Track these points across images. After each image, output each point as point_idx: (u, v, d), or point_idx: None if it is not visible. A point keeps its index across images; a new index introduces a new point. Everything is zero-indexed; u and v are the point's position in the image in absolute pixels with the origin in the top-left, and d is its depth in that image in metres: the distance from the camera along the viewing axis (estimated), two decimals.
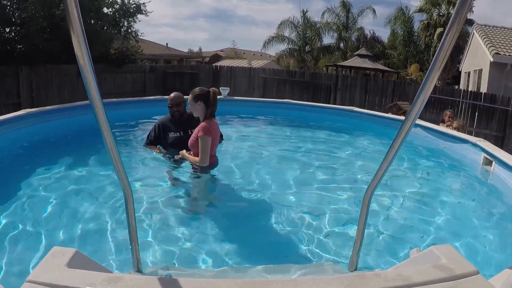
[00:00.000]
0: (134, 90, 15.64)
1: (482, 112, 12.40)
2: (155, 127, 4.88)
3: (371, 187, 1.96)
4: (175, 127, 4.74)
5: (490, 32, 17.35)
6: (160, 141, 4.81)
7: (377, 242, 3.31)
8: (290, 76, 17.45)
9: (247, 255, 3.04)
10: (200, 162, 3.82)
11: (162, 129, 4.80)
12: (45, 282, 1.43)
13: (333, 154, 6.14)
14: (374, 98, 15.48)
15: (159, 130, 4.82)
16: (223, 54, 45.03)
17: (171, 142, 4.70)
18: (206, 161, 3.80)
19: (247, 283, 1.50)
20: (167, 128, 4.78)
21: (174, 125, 4.76)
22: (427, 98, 1.58)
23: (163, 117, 4.94)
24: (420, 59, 27.61)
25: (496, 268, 2.78)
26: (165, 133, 4.77)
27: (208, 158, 3.81)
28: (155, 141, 4.85)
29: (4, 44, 11.98)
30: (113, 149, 1.61)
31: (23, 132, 5.82)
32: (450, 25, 1.37)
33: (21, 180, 4.23)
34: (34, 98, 12.00)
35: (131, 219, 1.88)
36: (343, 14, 30.62)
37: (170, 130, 4.76)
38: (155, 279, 1.48)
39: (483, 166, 5.22)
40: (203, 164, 3.82)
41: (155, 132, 4.85)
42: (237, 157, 5.26)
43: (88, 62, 1.38)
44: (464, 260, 1.70)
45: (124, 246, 2.98)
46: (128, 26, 15.04)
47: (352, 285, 1.49)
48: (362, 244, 2.13)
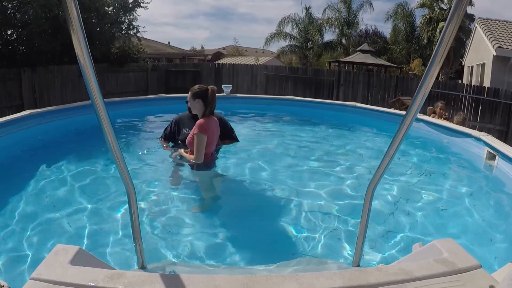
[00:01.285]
0: (136, 89, 15.63)
1: (485, 106, 12.35)
2: (172, 122, 4.87)
3: (373, 182, 1.96)
4: (192, 124, 4.68)
5: (493, 26, 17.27)
6: (175, 136, 4.80)
7: (379, 237, 3.31)
8: (292, 72, 17.42)
9: (249, 252, 3.04)
10: (194, 159, 3.83)
11: (178, 124, 4.78)
12: (48, 279, 1.45)
13: (336, 150, 6.13)
14: (377, 93, 15.44)
15: (175, 125, 4.81)
16: (225, 52, 45.06)
17: (183, 139, 4.66)
18: (200, 158, 3.81)
19: (249, 278, 1.50)
20: (182, 124, 4.76)
21: (191, 121, 4.68)
22: (427, 92, 1.58)
23: (182, 113, 4.91)
24: (422, 54, 27.51)
25: (499, 262, 2.78)
26: (180, 128, 4.75)
27: (202, 155, 3.81)
28: (170, 136, 4.83)
29: (6, 46, 11.99)
30: (115, 148, 1.62)
31: (26, 132, 5.84)
32: (449, 19, 1.37)
33: (24, 179, 4.25)
34: (37, 100, 12.02)
35: (134, 217, 1.89)
36: (344, 10, 30.52)
37: (185, 126, 4.71)
38: (157, 275, 1.49)
39: (487, 160, 5.19)
40: (197, 161, 3.84)
41: (171, 127, 4.84)
42: (240, 154, 5.26)
43: (88, 60, 1.38)
44: (467, 254, 1.71)
45: (128, 244, 3.00)
46: (129, 23, 15.03)
47: (354, 279, 1.49)
48: (365, 239, 2.13)
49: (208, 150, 3.93)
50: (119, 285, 1.44)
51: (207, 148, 3.86)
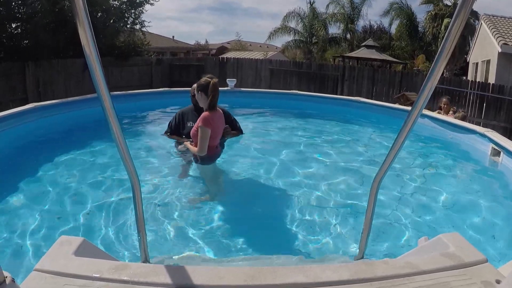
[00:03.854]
0: (140, 83, 15.64)
1: (490, 103, 12.26)
2: (176, 116, 4.86)
3: (379, 177, 1.95)
4: (195, 117, 4.68)
5: (498, 22, 17.13)
6: (180, 130, 4.80)
7: (385, 231, 3.30)
8: (297, 67, 17.35)
9: (254, 245, 3.04)
10: (197, 152, 3.84)
11: (182, 118, 4.78)
12: (52, 270, 1.44)
13: (341, 144, 6.12)
14: (381, 89, 15.37)
15: (179, 118, 4.79)
16: (229, 46, 44.91)
17: (187, 132, 4.66)
18: (203, 151, 3.82)
19: (255, 270, 1.50)
20: (186, 117, 4.75)
21: (195, 115, 4.66)
22: (433, 87, 1.56)
23: (186, 106, 4.90)
24: (427, 50, 27.34)
25: (505, 257, 2.77)
26: (184, 121, 4.74)
27: (205, 148, 3.81)
28: (176, 130, 4.83)
29: (10, 40, 12.00)
30: (120, 140, 1.61)
31: (31, 125, 5.86)
32: (456, 15, 1.35)
33: (28, 172, 4.27)
34: (41, 94, 12.04)
35: (139, 210, 1.89)
36: (348, 4, 30.31)
37: (189, 120, 4.71)
38: (161, 267, 1.49)
39: (491, 156, 5.18)
40: (200, 153, 3.84)
41: (175, 121, 4.82)
42: (244, 147, 5.25)
43: (94, 51, 1.37)
44: (473, 248, 1.70)
45: (132, 236, 3.00)
46: (134, 17, 15.02)
47: (360, 272, 1.48)
48: (370, 233, 2.13)
49: (213, 143, 3.93)
50: (123, 277, 1.43)
51: (212, 141, 3.85)
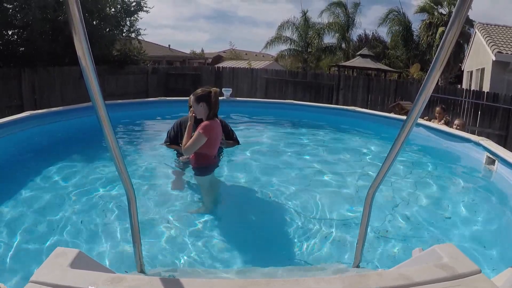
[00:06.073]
0: (136, 91, 15.61)
1: (484, 111, 12.34)
2: (174, 125, 4.86)
3: (374, 187, 1.97)
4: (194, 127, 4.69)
5: (492, 30, 17.31)
6: (178, 139, 4.79)
7: (379, 241, 3.31)
8: (292, 76, 17.41)
9: (250, 257, 3.04)
10: (183, 150, 3.84)
11: (180, 127, 4.78)
12: (48, 282, 1.44)
13: (336, 154, 6.12)
14: (376, 98, 15.44)
15: (178, 128, 4.80)
16: (225, 55, 45.00)
17: None
18: (188, 153, 3.84)
19: (249, 282, 1.50)
20: (184, 127, 4.76)
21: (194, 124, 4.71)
22: (428, 97, 1.58)
23: (184, 116, 4.89)
24: (422, 58, 27.48)
25: (499, 267, 2.77)
26: (182, 131, 4.74)
27: (192, 152, 3.83)
28: (175, 140, 4.82)
29: (6, 46, 11.99)
30: (115, 150, 1.62)
31: (26, 133, 5.84)
32: (451, 25, 1.37)
33: (24, 181, 4.25)
34: (37, 100, 12.01)
35: (134, 221, 1.89)
36: (342, 14, 30.44)
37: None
38: (157, 279, 1.49)
39: (486, 165, 5.20)
40: (184, 152, 3.85)
41: (174, 131, 4.82)
42: (240, 158, 5.26)
43: (90, 63, 1.38)
44: (467, 259, 1.70)
45: (127, 248, 2.99)
46: (130, 25, 15.04)
47: (353, 284, 1.49)
48: (364, 243, 2.13)
49: (211, 152, 3.93)
50: None
51: (210, 151, 3.86)
